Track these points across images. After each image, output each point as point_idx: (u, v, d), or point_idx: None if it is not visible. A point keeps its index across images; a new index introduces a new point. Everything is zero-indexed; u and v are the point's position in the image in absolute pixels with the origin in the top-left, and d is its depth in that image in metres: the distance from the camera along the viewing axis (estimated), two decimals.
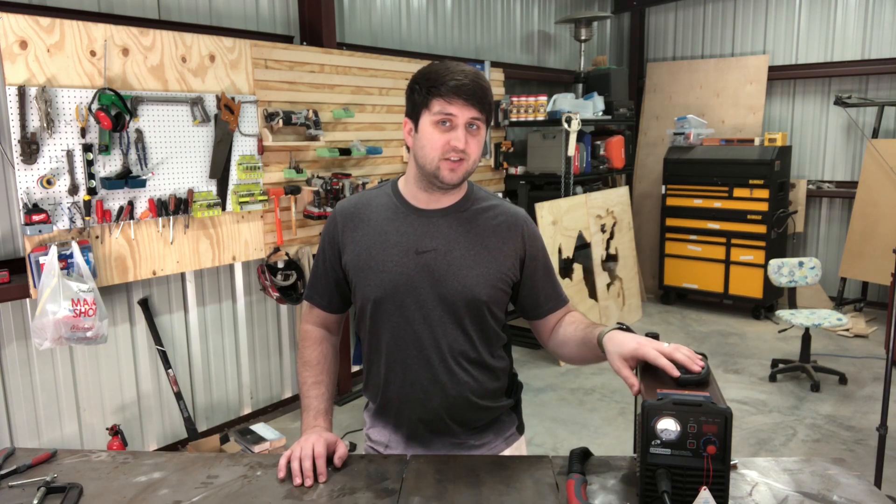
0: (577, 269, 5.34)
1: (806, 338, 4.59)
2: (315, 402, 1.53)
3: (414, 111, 1.47)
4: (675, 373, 1.22)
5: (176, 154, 3.33)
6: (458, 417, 1.55)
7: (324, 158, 4.04)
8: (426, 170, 1.45)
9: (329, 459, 1.39)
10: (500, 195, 5.02)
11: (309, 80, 3.94)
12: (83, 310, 2.84)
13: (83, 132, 2.94)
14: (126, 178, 3.10)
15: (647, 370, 1.40)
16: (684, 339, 5.52)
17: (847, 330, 5.56)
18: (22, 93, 2.76)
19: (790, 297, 5.77)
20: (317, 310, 1.64)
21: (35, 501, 1.26)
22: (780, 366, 4.67)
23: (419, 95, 1.45)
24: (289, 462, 1.36)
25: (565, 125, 5.09)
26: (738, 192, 5.95)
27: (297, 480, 1.33)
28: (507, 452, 1.62)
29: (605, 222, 5.74)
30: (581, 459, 1.36)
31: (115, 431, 3.25)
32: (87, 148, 2.95)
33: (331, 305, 1.63)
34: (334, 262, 1.58)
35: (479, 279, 1.48)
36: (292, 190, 3.81)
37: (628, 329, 1.36)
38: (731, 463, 1.33)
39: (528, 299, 1.59)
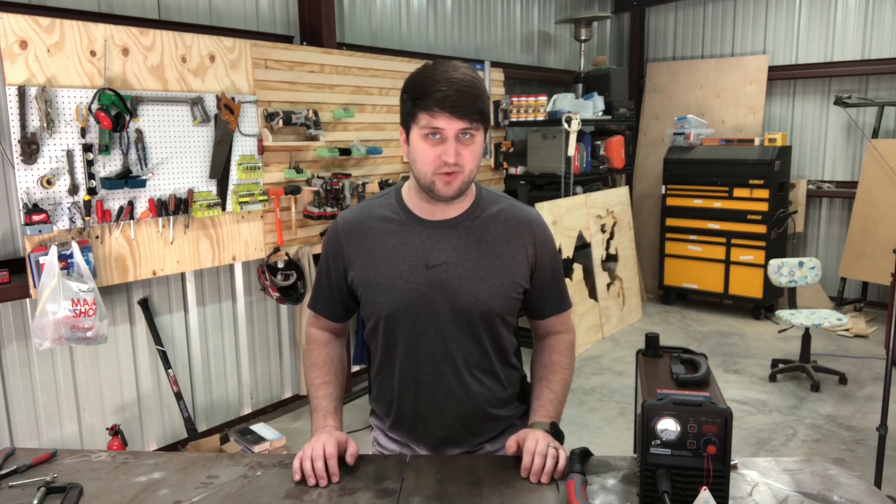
0: (577, 269, 5.34)
1: (806, 338, 4.59)
2: (324, 402, 1.52)
3: (405, 121, 1.42)
4: (525, 471, 1.34)
5: (176, 154, 3.33)
6: (474, 428, 1.55)
7: (324, 158, 4.04)
8: (422, 183, 1.41)
9: (341, 458, 1.38)
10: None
11: (309, 80, 3.94)
12: (83, 310, 2.84)
13: (83, 132, 2.94)
14: (126, 178, 3.10)
15: (647, 370, 1.40)
16: (684, 339, 5.52)
17: (847, 330, 5.56)
18: (22, 93, 2.76)
19: (790, 297, 5.77)
20: (321, 318, 1.63)
21: (35, 501, 1.26)
22: (780, 366, 4.67)
23: (406, 106, 1.40)
24: (301, 463, 1.36)
25: (565, 125, 5.09)
26: (738, 192, 5.95)
27: (311, 481, 1.33)
28: None
29: (605, 222, 5.74)
30: (581, 459, 1.36)
31: (115, 431, 3.25)
32: (87, 148, 2.95)
33: (335, 315, 1.61)
34: (339, 279, 1.54)
35: (492, 290, 1.46)
36: (292, 190, 3.81)
37: (555, 430, 1.45)
38: (732, 463, 1.33)
39: (532, 301, 1.58)
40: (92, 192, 2.99)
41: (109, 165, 3.07)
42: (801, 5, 6.41)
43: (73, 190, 2.94)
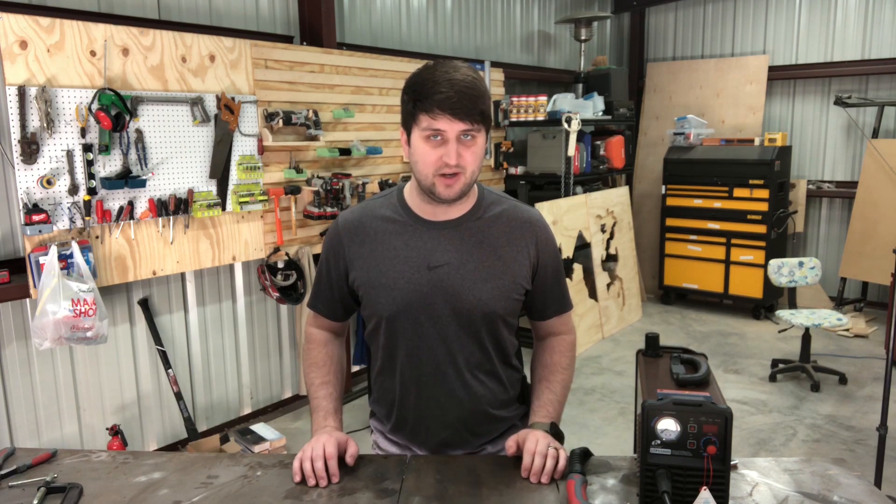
0: (577, 269, 5.34)
1: (806, 338, 4.59)
2: (324, 402, 1.51)
3: (405, 122, 1.41)
4: (525, 471, 1.34)
5: (176, 154, 3.33)
6: (476, 430, 1.55)
7: (324, 158, 4.04)
8: (423, 185, 1.41)
9: (341, 459, 1.38)
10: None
11: (309, 80, 3.94)
12: (83, 310, 2.84)
13: (83, 132, 2.94)
14: (126, 178, 3.10)
15: (647, 370, 1.40)
16: (684, 339, 5.52)
17: (847, 330, 5.56)
18: (22, 93, 2.76)
19: (790, 297, 5.76)
20: (321, 317, 1.63)
21: (35, 501, 1.26)
22: (780, 366, 4.67)
23: (407, 107, 1.39)
24: (301, 464, 1.35)
25: (565, 125, 5.09)
26: (738, 192, 5.95)
27: (311, 482, 1.33)
28: None
29: (605, 222, 5.74)
30: (581, 459, 1.36)
31: (115, 431, 3.25)
32: (87, 148, 2.95)
33: (335, 315, 1.61)
34: (340, 280, 1.54)
35: (494, 292, 1.46)
36: (292, 190, 3.81)
37: (555, 430, 1.45)
38: (732, 463, 1.33)
39: (534, 302, 1.58)
40: (92, 192, 2.99)
41: (109, 165, 3.07)
42: (801, 5, 6.41)
43: (73, 190, 2.94)
